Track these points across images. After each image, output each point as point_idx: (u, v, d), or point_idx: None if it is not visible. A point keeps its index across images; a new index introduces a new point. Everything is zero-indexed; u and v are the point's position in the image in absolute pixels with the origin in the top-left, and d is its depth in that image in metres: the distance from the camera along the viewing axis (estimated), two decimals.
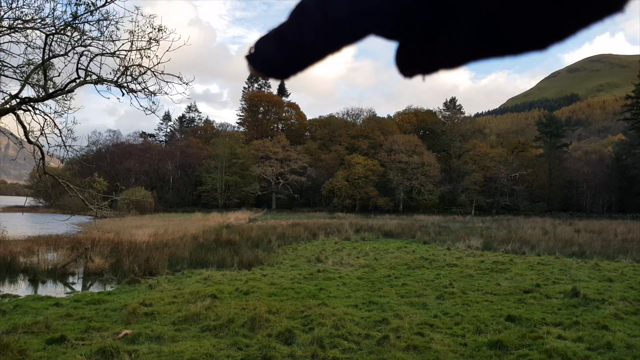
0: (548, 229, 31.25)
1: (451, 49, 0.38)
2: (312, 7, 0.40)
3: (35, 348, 6.64)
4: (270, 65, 0.43)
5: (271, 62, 0.43)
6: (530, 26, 0.35)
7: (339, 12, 0.39)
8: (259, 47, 0.43)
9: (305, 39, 0.41)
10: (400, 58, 0.40)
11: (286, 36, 0.41)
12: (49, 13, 9.97)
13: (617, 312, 9.01)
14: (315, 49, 0.41)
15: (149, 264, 14.30)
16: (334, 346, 6.81)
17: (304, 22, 0.40)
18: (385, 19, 0.38)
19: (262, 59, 0.43)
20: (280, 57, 0.42)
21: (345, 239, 25.08)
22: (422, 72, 0.41)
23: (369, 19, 0.38)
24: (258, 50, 0.43)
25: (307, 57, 0.42)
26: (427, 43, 0.39)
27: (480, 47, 0.37)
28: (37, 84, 10.35)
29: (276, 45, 0.42)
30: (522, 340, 7.17)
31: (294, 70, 0.43)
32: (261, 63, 0.43)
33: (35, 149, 10.39)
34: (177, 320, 8.13)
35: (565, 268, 15.03)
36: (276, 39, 0.42)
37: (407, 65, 0.41)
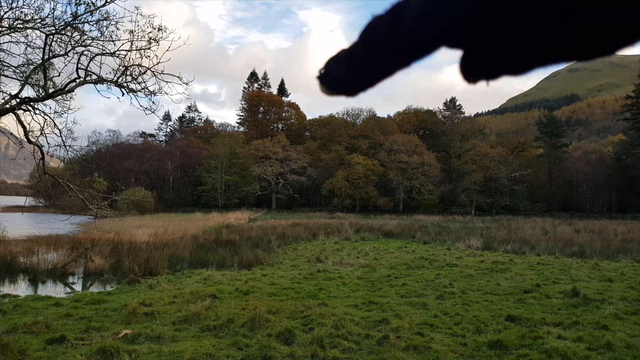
0: (548, 229, 31.25)
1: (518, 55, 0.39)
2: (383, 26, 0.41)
3: (35, 348, 6.63)
4: (342, 84, 0.45)
5: (342, 81, 0.45)
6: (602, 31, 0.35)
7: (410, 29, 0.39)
8: (329, 67, 0.45)
9: (376, 57, 0.42)
10: (465, 64, 0.41)
11: (357, 56, 0.43)
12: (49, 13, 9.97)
13: (617, 312, 9.01)
14: (386, 65, 0.42)
15: (149, 264, 14.30)
16: (334, 346, 6.81)
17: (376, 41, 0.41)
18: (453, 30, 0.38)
19: (333, 79, 0.45)
20: (350, 75, 0.44)
21: (345, 239, 25.08)
22: (486, 77, 0.41)
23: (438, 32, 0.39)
24: (328, 71, 0.45)
25: (377, 75, 0.43)
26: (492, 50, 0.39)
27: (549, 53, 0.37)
28: (37, 84, 10.35)
29: (347, 65, 0.44)
30: (522, 340, 7.16)
31: (364, 87, 0.45)
32: (332, 82, 0.45)
33: (35, 149, 10.39)
34: (177, 320, 8.12)
35: (565, 268, 15.03)
36: (347, 58, 0.44)
37: (471, 72, 0.41)
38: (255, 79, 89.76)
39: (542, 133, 77.07)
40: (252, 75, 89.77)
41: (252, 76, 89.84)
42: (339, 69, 0.44)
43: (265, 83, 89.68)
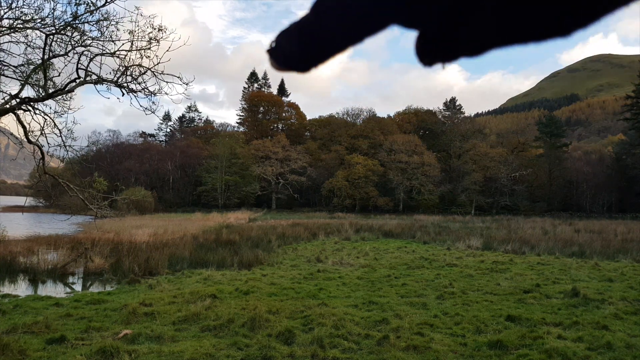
0: (548, 229, 31.25)
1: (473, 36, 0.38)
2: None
3: (35, 348, 6.63)
4: (292, 58, 0.44)
5: (292, 55, 0.43)
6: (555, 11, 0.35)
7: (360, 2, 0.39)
8: (280, 41, 0.44)
9: (327, 31, 0.41)
10: (420, 46, 0.40)
11: (307, 29, 0.42)
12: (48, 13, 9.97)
13: (617, 312, 9.01)
14: (337, 40, 0.41)
15: (149, 263, 14.30)
16: (334, 346, 6.81)
17: (325, 14, 0.40)
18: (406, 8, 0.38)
19: (283, 53, 0.44)
20: (301, 50, 0.43)
21: (345, 238, 25.08)
22: (442, 60, 0.41)
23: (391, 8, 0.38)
24: (279, 45, 0.44)
25: (328, 49, 0.42)
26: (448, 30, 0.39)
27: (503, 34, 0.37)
28: (37, 84, 10.35)
29: (297, 39, 0.43)
30: (522, 340, 7.16)
31: (315, 62, 0.43)
32: (282, 57, 0.44)
33: (35, 149, 10.39)
34: (177, 320, 8.12)
35: (565, 268, 15.03)
36: (297, 32, 0.43)
37: (427, 53, 0.40)
38: (255, 79, 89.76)
39: (542, 133, 77.07)
40: (252, 75, 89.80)
41: (252, 76, 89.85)
42: (290, 43, 0.43)
43: (265, 83, 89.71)
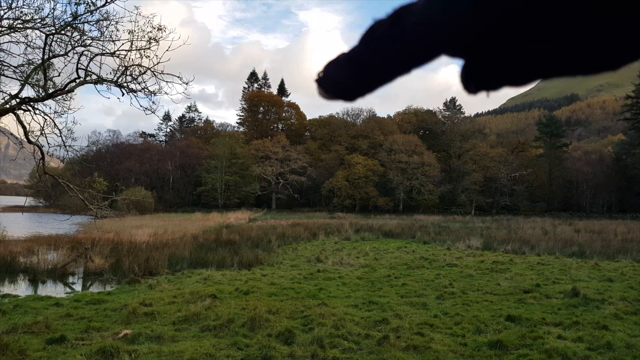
0: (548, 229, 31.25)
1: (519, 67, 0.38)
2: (384, 31, 0.40)
3: (35, 348, 6.63)
4: (340, 88, 0.44)
5: (341, 85, 0.44)
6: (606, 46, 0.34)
7: (411, 35, 0.39)
8: (328, 71, 0.44)
9: (376, 62, 0.41)
10: (466, 75, 0.40)
11: (357, 60, 0.42)
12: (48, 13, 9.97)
13: (617, 312, 9.01)
14: (386, 71, 0.41)
15: (149, 263, 14.30)
16: (334, 346, 6.81)
17: (375, 47, 0.41)
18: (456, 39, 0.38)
19: (331, 83, 0.44)
20: (350, 80, 0.43)
21: (345, 239, 25.08)
22: (486, 88, 0.41)
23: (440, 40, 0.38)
24: (327, 74, 0.44)
25: (377, 80, 0.42)
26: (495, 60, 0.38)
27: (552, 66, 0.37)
28: (37, 84, 10.35)
29: (346, 70, 0.43)
30: (522, 340, 7.16)
31: (363, 92, 0.44)
32: (331, 86, 0.44)
33: (35, 149, 10.39)
34: (177, 320, 8.12)
35: (565, 268, 15.03)
36: (346, 63, 0.43)
37: (472, 82, 0.41)
38: (255, 79, 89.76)
39: (542, 133, 77.09)
40: (252, 75, 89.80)
41: (252, 76, 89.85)
42: (338, 73, 0.44)
43: (265, 83, 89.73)
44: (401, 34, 0.39)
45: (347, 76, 0.43)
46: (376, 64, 0.41)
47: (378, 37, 0.41)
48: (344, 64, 0.43)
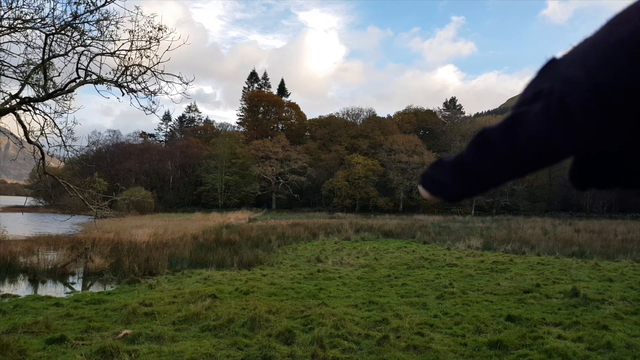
0: (548, 228, 31.23)
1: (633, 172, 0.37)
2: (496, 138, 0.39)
3: (35, 348, 6.63)
4: (447, 190, 0.44)
5: (448, 186, 0.43)
6: None
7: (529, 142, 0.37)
8: (433, 173, 0.44)
9: (488, 169, 0.40)
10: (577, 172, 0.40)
11: (467, 164, 0.42)
12: (48, 13, 9.97)
13: (617, 312, 9.01)
14: (497, 177, 0.41)
15: (149, 263, 14.30)
16: (334, 346, 6.81)
17: (488, 152, 0.40)
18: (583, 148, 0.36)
19: (437, 184, 0.44)
20: (457, 182, 0.43)
21: (345, 238, 25.07)
22: (598, 187, 0.40)
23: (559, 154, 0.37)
24: (432, 176, 0.44)
25: (487, 184, 0.42)
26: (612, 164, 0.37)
27: None
28: (37, 83, 10.35)
29: (453, 172, 0.43)
30: (522, 340, 7.15)
31: (472, 193, 0.44)
32: (437, 187, 0.44)
33: (35, 149, 10.39)
34: (177, 320, 8.12)
35: (565, 268, 15.03)
36: (454, 165, 0.43)
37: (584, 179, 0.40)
38: (256, 78, 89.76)
39: None
40: (252, 75, 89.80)
41: (252, 76, 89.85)
42: (443, 175, 0.43)
43: (266, 83, 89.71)
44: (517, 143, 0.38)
45: (455, 179, 0.43)
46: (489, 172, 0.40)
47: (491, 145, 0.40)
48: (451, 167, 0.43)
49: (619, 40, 0.33)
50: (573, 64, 0.36)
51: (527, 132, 0.37)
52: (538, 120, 0.37)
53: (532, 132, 0.37)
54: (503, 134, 0.39)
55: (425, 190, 0.45)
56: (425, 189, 0.45)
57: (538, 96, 0.37)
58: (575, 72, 0.35)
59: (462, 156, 0.42)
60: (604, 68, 0.33)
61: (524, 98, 0.40)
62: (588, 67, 0.34)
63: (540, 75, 0.40)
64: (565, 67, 0.37)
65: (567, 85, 0.35)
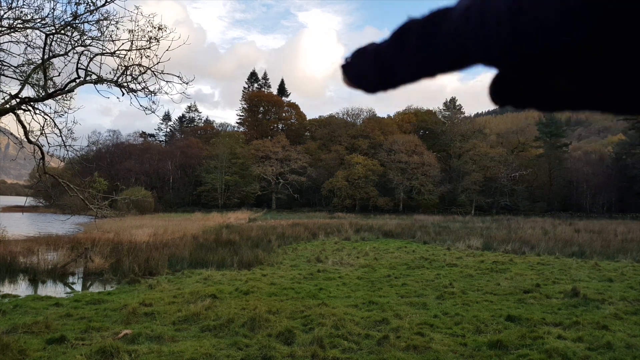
0: (548, 228, 31.23)
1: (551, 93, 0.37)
2: (418, 31, 0.39)
3: (35, 348, 6.63)
4: (363, 79, 0.43)
5: (365, 76, 0.43)
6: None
7: (446, 40, 0.37)
8: (355, 60, 0.44)
9: (405, 61, 0.40)
10: (496, 87, 0.39)
11: (385, 55, 0.41)
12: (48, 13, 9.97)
13: (617, 312, 9.01)
14: (412, 71, 0.41)
15: (148, 263, 14.30)
16: (334, 346, 6.81)
17: (407, 44, 0.40)
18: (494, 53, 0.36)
19: (356, 72, 0.44)
20: (375, 73, 0.42)
21: (345, 238, 25.07)
22: (514, 105, 0.40)
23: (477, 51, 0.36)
24: (354, 62, 0.44)
25: (401, 78, 0.42)
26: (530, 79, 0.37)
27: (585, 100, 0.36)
28: (37, 83, 10.35)
29: (373, 61, 0.42)
30: (522, 340, 7.16)
31: (385, 87, 0.43)
32: (355, 75, 0.44)
33: (35, 149, 10.39)
34: (177, 320, 8.12)
35: (565, 268, 15.03)
36: (374, 54, 0.42)
37: (500, 95, 0.40)
38: (255, 78, 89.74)
39: (542, 133, 77.00)
40: (252, 75, 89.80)
41: (252, 76, 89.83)
42: (365, 63, 0.43)
43: (265, 83, 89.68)
44: (436, 37, 0.38)
45: (373, 68, 0.42)
46: (404, 63, 0.40)
47: (411, 36, 0.40)
48: (371, 55, 0.42)
49: None
50: None
51: (447, 27, 0.37)
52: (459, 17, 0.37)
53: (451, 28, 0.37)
54: (425, 25, 0.39)
55: (345, 76, 0.44)
56: (344, 74, 0.44)
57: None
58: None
59: (383, 45, 0.42)
60: None
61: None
62: None
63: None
64: None
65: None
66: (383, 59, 0.41)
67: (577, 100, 0.36)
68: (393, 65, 0.41)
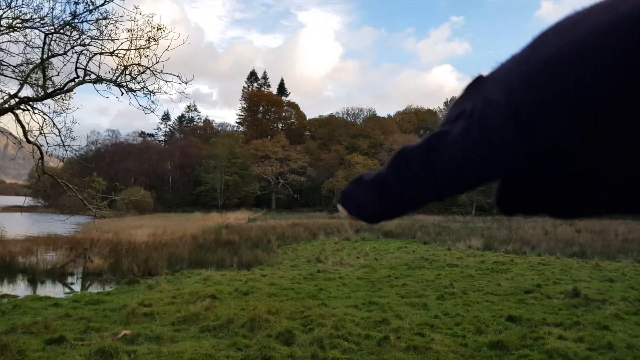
0: (549, 229, 31.17)
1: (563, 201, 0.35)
2: (416, 158, 0.37)
3: (34, 348, 6.61)
4: (366, 211, 0.42)
5: (367, 208, 0.41)
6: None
7: (449, 164, 0.35)
8: (352, 192, 0.42)
9: (410, 191, 0.38)
10: (503, 197, 0.38)
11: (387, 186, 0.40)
12: (47, 12, 9.93)
13: (618, 312, 8.99)
14: (417, 199, 0.39)
15: (148, 264, 14.26)
16: (333, 347, 6.78)
17: (408, 175, 0.38)
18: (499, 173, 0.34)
19: (356, 204, 0.42)
20: (378, 204, 0.41)
21: (345, 239, 25.04)
22: (524, 212, 0.38)
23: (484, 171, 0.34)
24: (351, 195, 0.42)
25: (409, 207, 0.40)
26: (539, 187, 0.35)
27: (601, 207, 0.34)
28: (36, 83, 10.31)
29: (374, 193, 0.41)
30: (523, 341, 7.14)
31: (391, 215, 0.42)
32: (355, 207, 0.42)
33: (34, 149, 10.36)
34: (177, 320, 8.09)
35: (566, 268, 15.00)
36: (374, 186, 0.40)
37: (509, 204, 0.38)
38: (255, 78, 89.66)
39: None
40: (252, 75, 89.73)
41: (251, 75, 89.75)
42: (364, 195, 0.41)
43: (265, 82, 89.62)
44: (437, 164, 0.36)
45: (376, 200, 0.40)
46: (410, 193, 0.38)
47: (411, 166, 0.38)
48: (370, 186, 0.41)
49: (539, 60, 0.31)
50: (496, 83, 0.35)
51: (447, 153, 0.35)
52: (458, 141, 0.35)
53: (452, 153, 0.35)
54: (423, 154, 0.37)
55: (344, 209, 0.43)
56: (343, 207, 0.43)
57: (460, 116, 0.36)
58: (496, 93, 0.34)
59: (382, 176, 0.40)
60: (523, 90, 0.32)
61: (448, 117, 0.38)
62: (508, 88, 0.33)
63: (466, 94, 0.38)
64: (489, 87, 0.35)
65: (487, 106, 0.34)
66: (384, 190, 0.40)
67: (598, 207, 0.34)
68: (396, 195, 0.39)
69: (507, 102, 0.32)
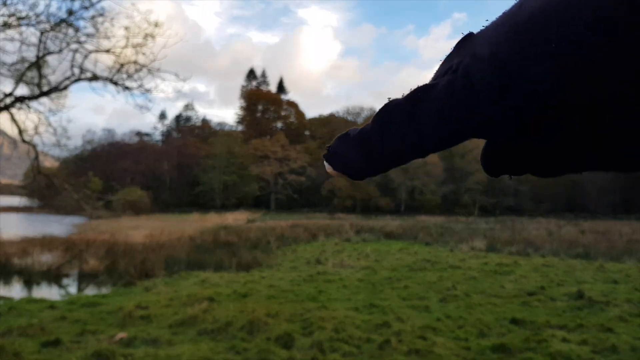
0: (553, 229, 31.04)
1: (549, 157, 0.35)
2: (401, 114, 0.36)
3: (30, 351, 6.53)
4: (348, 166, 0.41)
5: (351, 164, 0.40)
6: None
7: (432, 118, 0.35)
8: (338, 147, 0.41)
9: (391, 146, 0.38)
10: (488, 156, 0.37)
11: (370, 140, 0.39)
12: (43, 10, 9.79)
13: (622, 314, 8.89)
14: (401, 155, 0.38)
15: (145, 265, 14.12)
16: (334, 350, 6.66)
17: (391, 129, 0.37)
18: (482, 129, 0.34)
19: (341, 159, 0.41)
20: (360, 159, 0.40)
21: (346, 240, 24.89)
22: (509, 173, 0.38)
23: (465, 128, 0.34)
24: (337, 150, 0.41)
25: (390, 162, 0.39)
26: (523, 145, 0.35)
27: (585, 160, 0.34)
28: (31, 81, 10.18)
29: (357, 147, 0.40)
30: (526, 344, 7.05)
31: (372, 173, 0.41)
32: (340, 163, 0.41)
33: (29, 149, 10.23)
34: (174, 323, 7.98)
35: (570, 270, 14.88)
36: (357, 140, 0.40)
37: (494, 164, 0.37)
38: (254, 76, 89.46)
39: None
40: (251, 73, 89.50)
41: (250, 74, 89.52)
42: (348, 150, 0.39)
43: (264, 81, 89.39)
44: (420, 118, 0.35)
45: (358, 155, 0.39)
46: (391, 148, 0.37)
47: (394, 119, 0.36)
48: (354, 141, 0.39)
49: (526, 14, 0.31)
50: (484, 39, 0.34)
51: (431, 107, 0.34)
52: (442, 95, 0.34)
53: (436, 107, 0.34)
54: (407, 108, 0.35)
55: (329, 166, 0.41)
56: (329, 163, 0.41)
57: (448, 72, 0.35)
58: (482, 48, 0.33)
59: (366, 131, 0.38)
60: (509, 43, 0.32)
61: (436, 73, 0.36)
62: (494, 42, 0.32)
63: (455, 50, 0.36)
64: (477, 43, 0.34)
65: (473, 60, 0.33)
66: (368, 145, 0.39)
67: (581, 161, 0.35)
68: (380, 150, 0.39)
69: (491, 56, 0.32)
